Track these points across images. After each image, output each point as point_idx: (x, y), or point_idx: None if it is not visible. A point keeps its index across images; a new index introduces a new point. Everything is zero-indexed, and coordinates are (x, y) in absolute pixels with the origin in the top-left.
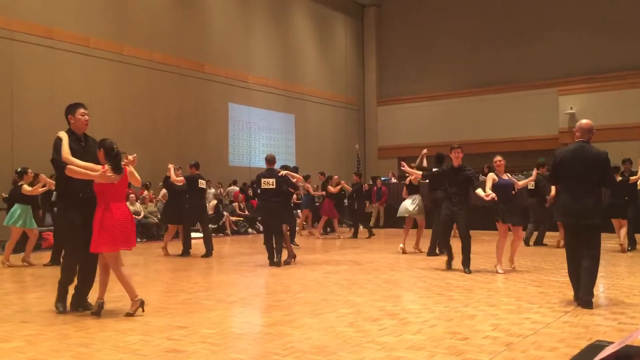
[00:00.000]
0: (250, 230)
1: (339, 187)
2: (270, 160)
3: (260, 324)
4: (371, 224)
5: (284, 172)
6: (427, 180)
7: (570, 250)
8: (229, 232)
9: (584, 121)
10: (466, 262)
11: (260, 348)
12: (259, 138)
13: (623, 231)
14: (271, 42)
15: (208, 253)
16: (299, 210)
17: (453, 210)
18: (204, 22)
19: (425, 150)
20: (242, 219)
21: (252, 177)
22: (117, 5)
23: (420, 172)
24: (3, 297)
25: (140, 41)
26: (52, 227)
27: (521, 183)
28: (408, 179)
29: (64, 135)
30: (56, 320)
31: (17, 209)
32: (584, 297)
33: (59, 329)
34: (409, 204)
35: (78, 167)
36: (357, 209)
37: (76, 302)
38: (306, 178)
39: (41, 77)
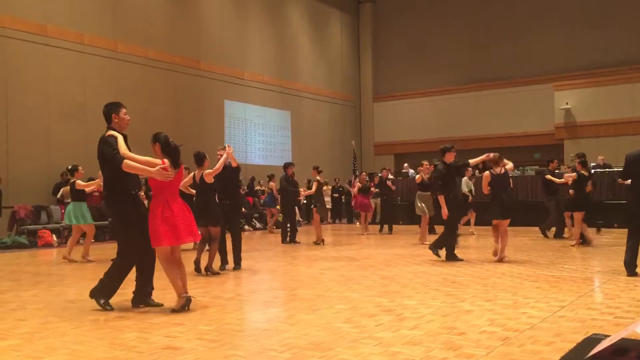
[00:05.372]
0: (247, 227)
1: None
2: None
3: (257, 320)
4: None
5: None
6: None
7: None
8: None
9: None
10: (439, 243)
11: (257, 344)
12: (255, 135)
13: None
14: (267, 39)
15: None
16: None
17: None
18: (199, 19)
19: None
20: None
21: (249, 173)
22: (111, 2)
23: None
24: None
25: (135, 38)
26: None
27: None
28: (419, 176)
29: (116, 134)
30: (52, 318)
31: (71, 207)
32: None
33: (55, 326)
34: (421, 204)
35: (137, 162)
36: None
37: (139, 300)
38: (270, 178)
39: (36, 75)
